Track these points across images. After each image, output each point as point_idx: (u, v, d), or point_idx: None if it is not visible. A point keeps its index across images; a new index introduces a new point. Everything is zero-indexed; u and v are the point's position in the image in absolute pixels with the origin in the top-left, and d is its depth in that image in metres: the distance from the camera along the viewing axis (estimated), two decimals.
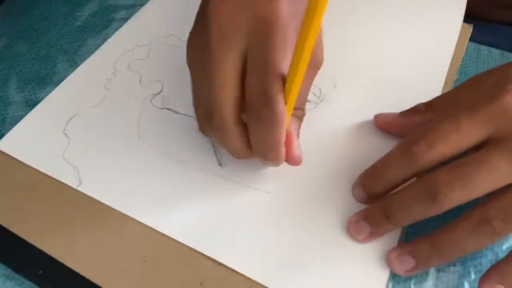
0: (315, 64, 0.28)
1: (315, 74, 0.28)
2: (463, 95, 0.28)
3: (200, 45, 0.26)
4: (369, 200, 0.28)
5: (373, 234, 0.27)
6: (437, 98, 0.30)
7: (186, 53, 0.28)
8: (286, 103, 0.25)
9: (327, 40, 0.38)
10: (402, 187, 0.27)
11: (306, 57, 0.23)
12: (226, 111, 0.26)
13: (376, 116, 0.32)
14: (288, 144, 0.27)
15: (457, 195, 0.24)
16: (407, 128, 0.30)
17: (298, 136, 0.29)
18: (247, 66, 0.25)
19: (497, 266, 0.25)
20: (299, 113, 0.29)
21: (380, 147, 0.31)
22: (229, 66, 0.25)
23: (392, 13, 0.40)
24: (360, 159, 0.31)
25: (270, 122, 0.25)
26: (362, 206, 0.29)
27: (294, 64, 0.23)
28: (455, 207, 0.25)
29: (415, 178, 0.27)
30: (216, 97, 0.26)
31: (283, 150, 0.27)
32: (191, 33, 0.28)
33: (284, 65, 0.24)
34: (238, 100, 0.26)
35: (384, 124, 0.32)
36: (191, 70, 0.28)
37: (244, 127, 0.27)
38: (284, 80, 0.25)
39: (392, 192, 0.27)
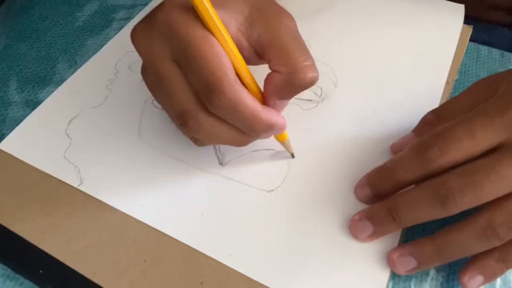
0: (295, 82, 0.26)
1: (294, 92, 0.27)
2: (475, 99, 0.28)
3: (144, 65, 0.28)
4: (374, 199, 0.28)
5: (376, 233, 0.27)
6: (446, 105, 0.30)
7: (141, 74, 0.29)
8: (241, 77, 0.25)
9: (329, 40, 0.38)
10: (408, 189, 0.27)
11: (212, 24, 0.24)
12: (193, 110, 0.26)
13: (392, 146, 0.31)
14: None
15: (466, 200, 0.24)
16: None
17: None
18: (182, 68, 0.26)
19: (479, 258, 0.26)
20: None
21: (380, 146, 0.32)
22: (168, 74, 0.26)
23: (393, 13, 0.40)
24: (361, 158, 0.31)
25: (226, 102, 0.24)
26: (363, 206, 0.29)
27: (219, 39, 0.25)
28: None
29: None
30: (176, 104, 0.26)
31: (266, 117, 0.26)
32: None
33: (205, 49, 0.24)
34: (195, 96, 0.26)
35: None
36: (148, 87, 0.28)
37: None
38: (220, 66, 0.24)
39: (398, 193, 0.27)
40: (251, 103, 0.25)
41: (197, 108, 0.26)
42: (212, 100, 0.25)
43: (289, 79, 0.26)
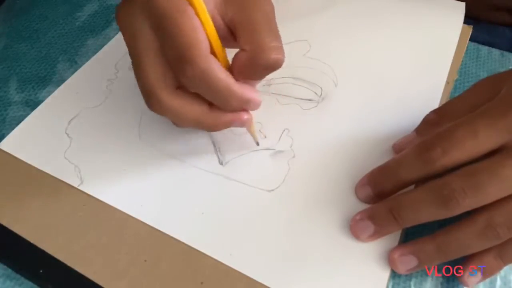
0: (260, 63, 0.26)
1: (263, 73, 0.27)
2: (478, 99, 0.28)
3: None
4: (375, 199, 0.28)
5: (377, 233, 0.27)
6: (448, 104, 0.30)
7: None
8: (215, 52, 0.26)
9: (329, 40, 0.38)
10: (409, 189, 0.27)
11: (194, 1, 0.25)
12: (157, 87, 0.26)
13: (394, 145, 0.31)
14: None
15: (468, 202, 0.24)
16: None
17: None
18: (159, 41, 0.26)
19: (477, 255, 0.26)
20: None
21: (380, 146, 0.32)
22: (142, 48, 0.26)
23: (393, 13, 0.40)
24: (361, 158, 0.31)
25: (198, 73, 0.25)
26: (364, 206, 0.29)
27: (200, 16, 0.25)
28: None
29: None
30: (143, 78, 0.26)
31: (241, 91, 0.27)
32: None
33: (184, 23, 0.25)
34: (164, 74, 0.26)
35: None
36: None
37: (188, 97, 0.27)
38: (195, 38, 0.25)
39: (399, 193, 0.27)
40: (224, 76, 0.26)
41: (161, 87, 0.26)
42: (185, 70, 0.25)
43: (253, 57, 0.26)
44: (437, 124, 0.29)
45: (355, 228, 0.28)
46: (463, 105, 0.29)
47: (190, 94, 0.27)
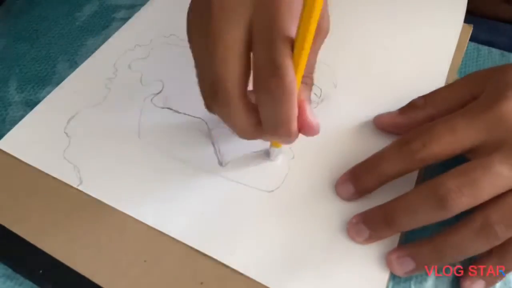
0: (322, 32, 0.26)
1: (321, 42, 0.27)
2: (466, 91, 0.29)
3: (201, 17, 0.25)
4: (356, 196, 0.29)
5: (372, 237, 0.27)
6: (436, 92, 0.31)
7: (186, 26, 0.26)
8: (295, 71, 0.23)
9: (329, 40, 0.38)
10: (405, 193, 0.27)
11: (314, 22, 0.22)
12: (230, 84, 0.24)
13: (375, 118, 0.32)
14: (301, 111, 0.25)
15: (465, 200, 0.24)
16: (408, 125, 0.30)
17: (309, 103, 0.26)
18: (253, 36, 0.24)
19: (478, 262, 0.26)
20: (308, 81, 0.27)
21: (380, 147, 0.31)
22: (232, 37, 0.24)
23: (393, 13, 0.40)
24: (361, 159, 0.31)
25: (280, 92, 0.23)
26: (363, 207, 0.28)
27: (302, 30, 0.22)
28: None
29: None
30: (219, 71, 0.24)
31: (295, 124, 0.25)
32: (191, 4, 0.26)
33: (292, 31, 0.23)
34: (244, 74, 0.24)
35: (384, 125, 0.32)
36: (192, 44, 0.26)
37: (251, 104, 0.25)
38: (292, 46, 0.23)
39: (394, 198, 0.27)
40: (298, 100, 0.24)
41: (235, 84, 0.24)
42: (269, 81, 0.23)
43: None
44: (421, 108, 0.30)
45: (351, 231, 0.28)
46: (449, 95, 0.30)
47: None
